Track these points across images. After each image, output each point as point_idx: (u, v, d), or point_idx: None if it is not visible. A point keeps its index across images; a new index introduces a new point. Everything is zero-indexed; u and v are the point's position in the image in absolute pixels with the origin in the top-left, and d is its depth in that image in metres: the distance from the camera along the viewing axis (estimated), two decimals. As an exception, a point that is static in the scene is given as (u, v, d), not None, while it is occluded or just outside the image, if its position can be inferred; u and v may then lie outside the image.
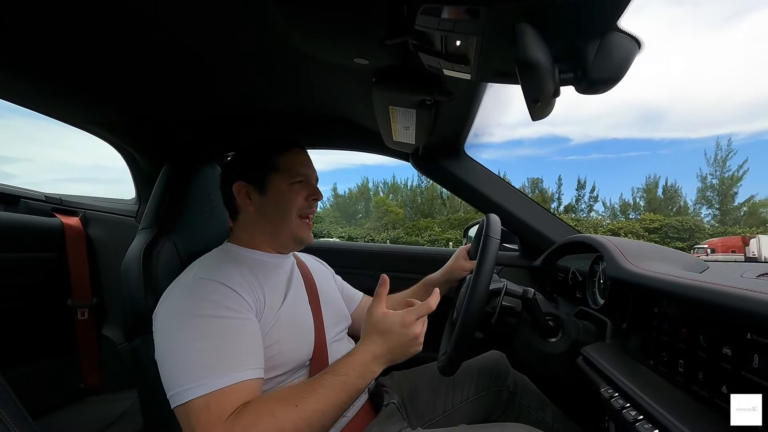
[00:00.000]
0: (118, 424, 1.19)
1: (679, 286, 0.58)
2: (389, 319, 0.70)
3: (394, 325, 0.69)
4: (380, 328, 0.70)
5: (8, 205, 1.30)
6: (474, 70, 0.58)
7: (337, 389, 0.64)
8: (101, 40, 0.72)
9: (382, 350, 0.69)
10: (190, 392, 0.58)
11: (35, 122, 63.25)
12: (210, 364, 0.61)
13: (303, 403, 0.61)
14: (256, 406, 0.60)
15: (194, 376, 0.59)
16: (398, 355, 0.70)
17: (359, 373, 0.66)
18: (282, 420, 0.59)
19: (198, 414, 0.58)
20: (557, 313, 0.84)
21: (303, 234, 0.85)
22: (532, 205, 1.33)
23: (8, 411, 0.47)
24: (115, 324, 1.41)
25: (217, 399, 0.58)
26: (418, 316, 0.71)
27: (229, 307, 0.67)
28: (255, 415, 0.59)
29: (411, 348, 0.70)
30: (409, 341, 0.69)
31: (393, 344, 0.69)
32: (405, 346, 0.69)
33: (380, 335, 0.70)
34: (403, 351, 0.70)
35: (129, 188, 1.53)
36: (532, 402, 1.00)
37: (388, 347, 0.69)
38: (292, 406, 0.60)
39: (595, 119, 47.63)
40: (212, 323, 0.64)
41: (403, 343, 0.69)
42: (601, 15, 0.45)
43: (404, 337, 0.69)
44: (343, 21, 0.59)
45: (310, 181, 0.87)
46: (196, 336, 0.63)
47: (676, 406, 0.52)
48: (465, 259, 1.08)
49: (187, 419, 0.59)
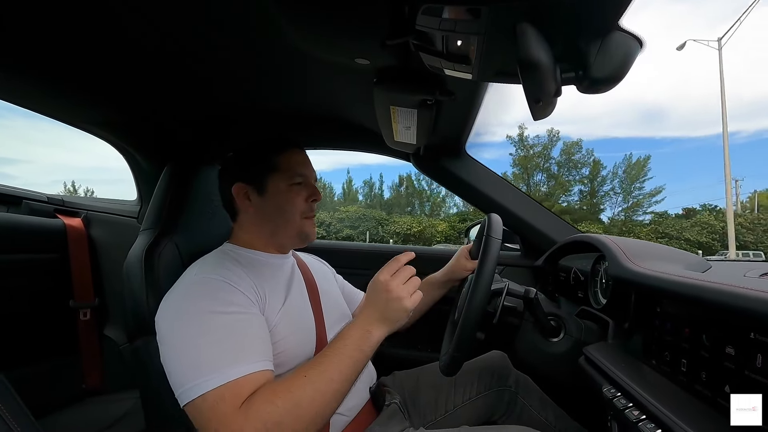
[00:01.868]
0: (119, 425, 1.19)
1: (681, 285, 0.57)
2: (372, 283, 0.72)
3: (375, 285, 0.71)
4: (369, 293, 0.72)
5: (10, 206, 1.30)
6: (475, 70, 0.57)
7: (340, 354, 0.65)
8: (101, 40, 0.73)
9: (372, 312, 0.70)
10: (203, 386, 0.58)
11: (36, 123, 63.50)
12: (221, 357, 0.60)
13: (312, 374, 0.62)
14: (269, 386, 0.61)
15: (205, 370, 0.59)
16: (386, 314, 0.69)
17: (358, 335, 0.67)
18: (297, 393, 0.59)
19: (212, 407, 0.57)
20: (559, 313, 0.84)
21: (308, 230, 0.85)
22: (533, 205, 1.33)
23: (10, 411, 0.47)
24: (117, 325, 1.42)
25: (231, 389, 0.58)
26: (389, 273, 0.71)
27: (235, 302, 0.67)
28: (269, 392, 0.59)
29: (394, 306, 0.68)
30: (390, 299, 0.68)
31: (378, 305, 0.70)
32: (387, 305, 0.69)
33: (368, 299, 0.72)
34: (387, 310, 0.69)
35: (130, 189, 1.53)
36: (534, 402, 1.00)
37: (375, 307, 0.70)
38: (302, 378, 0.61)
39: (596, 118, 47.59)
40: (219, 318, 0.64)
41: (385, 301, 0.69)
42: (602, 14, 0.45)
43: (384, 295, 0.69)
44: (344, 21, 0.59)
45: (309, 181, 0.86)
46: (204, 331, 0.63)
47: (679, 406, 0.52)
48: (467, 258, 1.08)
49: (201, 413, 0.58)
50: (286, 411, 0.58)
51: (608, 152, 46.67)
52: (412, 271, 0.73)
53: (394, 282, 0.70)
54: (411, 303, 0.70)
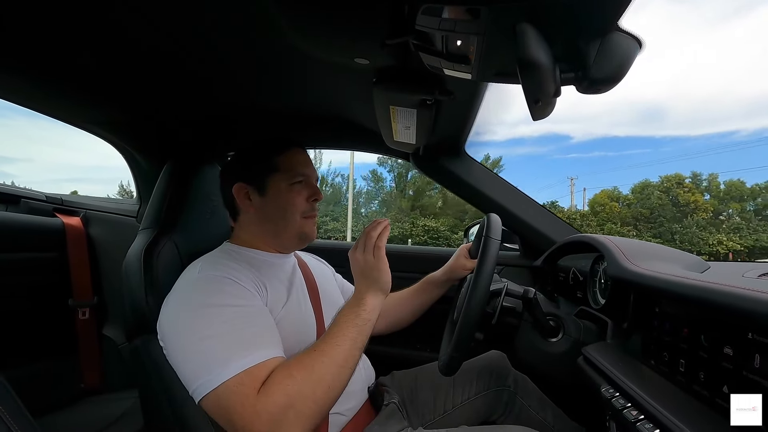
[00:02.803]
0: (118, 424, 1.19)
1: (680, 285, 0.58)
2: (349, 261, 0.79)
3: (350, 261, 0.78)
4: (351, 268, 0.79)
5: (9, 205, 1.30)
6: (475, 70, 0.57)
7: (341, 323, 0.70)
8: (102, 40, 0.73)
9: (359, 282, 0.76)
10: (219, 377, 0.58)
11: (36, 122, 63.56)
12: (233, 347, 0.61)
13: (319, 346, 0.66)
14: (283, 364, 0.63)
15: (219, 361, 0.59)
16: (369, 280, 0.75)
17: (353, 302, 0.73)
18: (309, 363, 0.62)
19: (234, 392, 0.58)
20: (558, 313, 0.84)
21: (308, 230, 0.86)
22: (532, 205, 1.33)
23: (9, 410, 0.47)
24: (116, 324, 1.41)
25: (249, 374, 0.59)
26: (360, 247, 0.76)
27: (240, 296, 0.68)
28: (285, 368, 0.61)
29: (368, 270, 0.74)
30: (362, 266, 0.75)
31: (358, 274, 0.76)
32: (363, 272, 0.75)
33: (353, 274, 0.78)
34: (368, 276, 0.75)
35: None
36: (533, 402, 1.00)
37: (358, 278, 0.76)
38: (312, 351, 0.65)
39: (596, 117, 47.58)
40: (226, 311, 0.65)
41: (360, 270, 0.76)
42: (601, 15, 0.45)
43: (357, 265, 0.76)
44: (344, 21, 0.59)
45: (310, 181, 0.86)
46: (213, 324, 0.63)
47: (678, 406, 0.52)
48: (466, 257, 1.08)
49: (222, 402, 0.58)
50: (303, 380, 0.60)
51: (608, 151, 46.66)
52: (372, 235, 0.76)
53: (358, 251, 0.76)
54: (379, 262, 0.74)
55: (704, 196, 24.66)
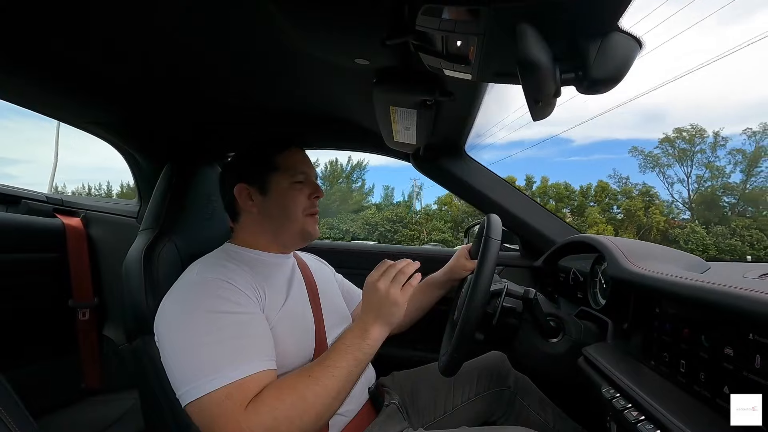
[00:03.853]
0: (118, 425, 1.19)
1: (680, 286, 0.57)
2: (365, 285, 0.76)
3: (367, 287, 0.75)
4: (363, 294, 0.76)
5: (9, 205, 1.30)
6: (475, 71, 0.57)
7: (341, 352, 0.67)
8: (101, 40, 0.73)
9: (368, 312, 0.72)
10: (208, 385, 0.58)
11: (36, 122, 63.49)
12: (226, 357, 0.61)
13: (315, 372, 0.64)
14: (275, 384, 0.62)
15: (210, 370, 0.59)
16: (380, 313, 0.71)
17: (356, 334, 0.70)
18: (301, 389, 0.61)
19: (219, 405, 0.58)
20: (558, 314, 0.84)
21: (310, 228, 0.86)
22: (532, 206, 1.33)
23: (9, 411, 0.47)
24: (116, 324, 1.41)
25: (237, 388, 0.59)
26: (379, 273, 0.74)
27: (238, 302, 0.68)
28: (276, 390, 0.61)
29: (385, 305, 0.71)
30: (381, 297, 0.71)
31: (372, 305, 0.72)
32: (379, 304, 0.71)
33: (363, 300, 0.75)
34: (380, 308, 0.71)
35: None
36: (533, 402, 1.00)
37: (370, 308, 0.72)
38: (306, 377, 0.63)
39: (596, 120, 47.58)
40: (222, 318, 0.65)
41: (377, 301, 0.72)
42: (601, 15, 0.45)
43: (375, 295, 0.72)
44: (344, 21, 0.59)
45: (310, 179, 0.87)
46: (207, 331, 0.63)
47: (678, 407, 0.52)
48: (466, 258, 1.08)
49: (206, 413, 0.58)
50: (293, 405, 0.59)
51: (608, 154, 46.66)
52: (397, 268, 0.74)
53: (383, 282, 0.72)
54: (402, 299, 0.71)
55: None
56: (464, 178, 1.29)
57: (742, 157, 23.01)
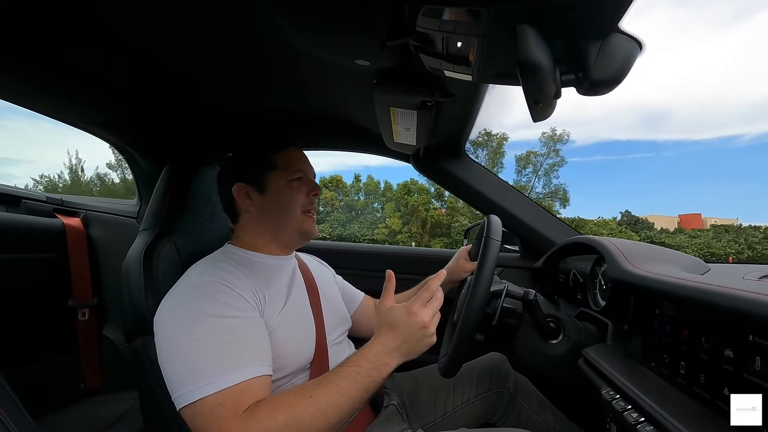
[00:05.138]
0: (118, 425, 1.19)
1: (680, 287, 0.57)
2: (395, 312, 0.69)
3: (400, 316, 0.68)
4: (388, 322, 0.69)
5: (9, 205, 1.30)
6: (475, 72, 0.58)
7: (352, 380, 0.63)
8: (101, 40, 0.73)
9: (393, 343, 0.67)
10: (202, 390, 0.58)
11: (37, 123, 63.64)
12: (220, 362, 0.60)
13: (318, 395, 0.61)
14: (271, 400, 0.60)
15: (204, 375, 0.59)
16: (411, 346, 0.67)
17: (373, 365, 0.65)
18: (299, 410, 0.59)
19: (212, 411, 0.57)
20: (558, 315, 0.84)
21: (308, 227, 0.86)
22: (532, 207, 1.33)
23: (8, 411, 0.46)
24: (116, 324, 1.41)
25: (231, 395, 0.58)
26: (422, 303, 0.69)
27: (235, 306, 0.67)
28: (271, 407, 0.59)
29: (422, 338, 0.67)
30: (417, 331, 0.67)
31: (403, 335, 0.67)
32: (415, 337, 0.67)
33: (389, 329, 0.68)
34: (414, 341, 0.67)
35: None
36: (533, 404, 1.00)
37: (400, 339, 0.67)
38: (308, 398, 0.61)
39: (597, 121, 47.60)
40: (219, 322, 0.64)
41: (411, 333, 0.67)
42: (602, 16, 0.45)
43: (412, 327, 0.67)
44: (344, 22, 0.59)
45: (308, 177, 0.87)
46: (203, 335, 0.62)
47: (678, 408, 0.52)
48: (466, 259, 1.08)
49: (199, 418, 0.58)
50: (287, 425, 0.57)
51: (610, 155, 46.65)
52: (439, 297, 0.71)
53: (428, 314, 0.68)
54: (432, 336, 0.69)
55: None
56: (464, 179, 1.29)
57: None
